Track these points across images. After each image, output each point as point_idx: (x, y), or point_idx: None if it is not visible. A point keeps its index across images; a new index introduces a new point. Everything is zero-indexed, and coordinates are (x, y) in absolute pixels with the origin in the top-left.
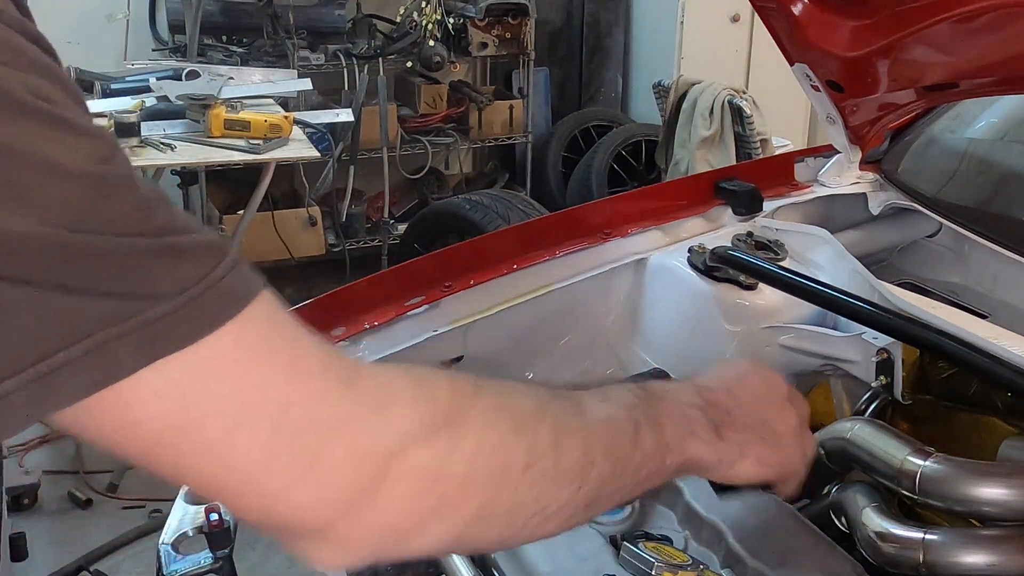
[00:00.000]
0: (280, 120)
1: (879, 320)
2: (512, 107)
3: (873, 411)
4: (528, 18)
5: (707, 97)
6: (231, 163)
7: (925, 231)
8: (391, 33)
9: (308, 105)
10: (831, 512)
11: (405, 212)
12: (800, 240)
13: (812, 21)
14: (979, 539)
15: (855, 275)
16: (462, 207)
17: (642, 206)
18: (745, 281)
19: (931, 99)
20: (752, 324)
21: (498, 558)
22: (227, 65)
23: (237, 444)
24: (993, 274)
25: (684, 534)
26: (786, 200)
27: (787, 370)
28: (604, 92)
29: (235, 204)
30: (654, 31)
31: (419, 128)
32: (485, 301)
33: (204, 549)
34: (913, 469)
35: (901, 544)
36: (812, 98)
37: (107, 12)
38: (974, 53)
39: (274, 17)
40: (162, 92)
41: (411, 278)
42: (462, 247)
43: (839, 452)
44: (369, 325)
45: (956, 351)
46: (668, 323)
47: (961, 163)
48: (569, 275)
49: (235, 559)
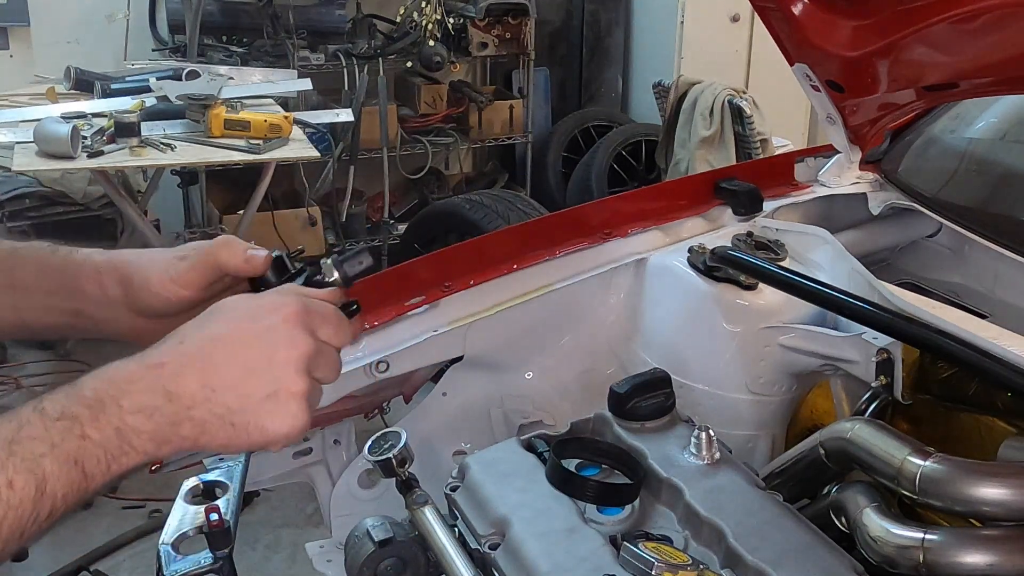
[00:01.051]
0: (280, 120)
1: (879, 320)
2: (512, 107)
3: (873, 411)
4: (528, 18)
5: (707, 97)
6: (231, 163)
7: (925, 231)
8: (391, 33)
9: (308, 105)
10: (831, 512)
11: (405, 212)
12: (800, 240)
13: (812, 21)
14: (979, 539)
15: (855, 275)
16: (462, 207)
17: (642, 206)
18: (745, 281)
19: (931, 99)
20: (752, 324)
21: (498, 558)
22: (227, 65)
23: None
24: (993, 274)
25: (684, 534)
26: (786, 200)
27: (787, 370)
28: (604, 92)
29: (235, 204)
30: (654, 31)
31: (419, 128)
32: (485, 301)
33: (204, 549)
34: (913, 469)
35: (901, 544)
36: (812, 98)
37: (107, 12)
38: (974, 53)
39: (274, 17)
40: (162, 92)
41: (411, 278)
42: (462, 247)
43: (839, 452)
44: (369, 325)
45: (956, 351)
46: (668, 323)
47: (961, 163)
48: (569, 275)
49: (235, 559)
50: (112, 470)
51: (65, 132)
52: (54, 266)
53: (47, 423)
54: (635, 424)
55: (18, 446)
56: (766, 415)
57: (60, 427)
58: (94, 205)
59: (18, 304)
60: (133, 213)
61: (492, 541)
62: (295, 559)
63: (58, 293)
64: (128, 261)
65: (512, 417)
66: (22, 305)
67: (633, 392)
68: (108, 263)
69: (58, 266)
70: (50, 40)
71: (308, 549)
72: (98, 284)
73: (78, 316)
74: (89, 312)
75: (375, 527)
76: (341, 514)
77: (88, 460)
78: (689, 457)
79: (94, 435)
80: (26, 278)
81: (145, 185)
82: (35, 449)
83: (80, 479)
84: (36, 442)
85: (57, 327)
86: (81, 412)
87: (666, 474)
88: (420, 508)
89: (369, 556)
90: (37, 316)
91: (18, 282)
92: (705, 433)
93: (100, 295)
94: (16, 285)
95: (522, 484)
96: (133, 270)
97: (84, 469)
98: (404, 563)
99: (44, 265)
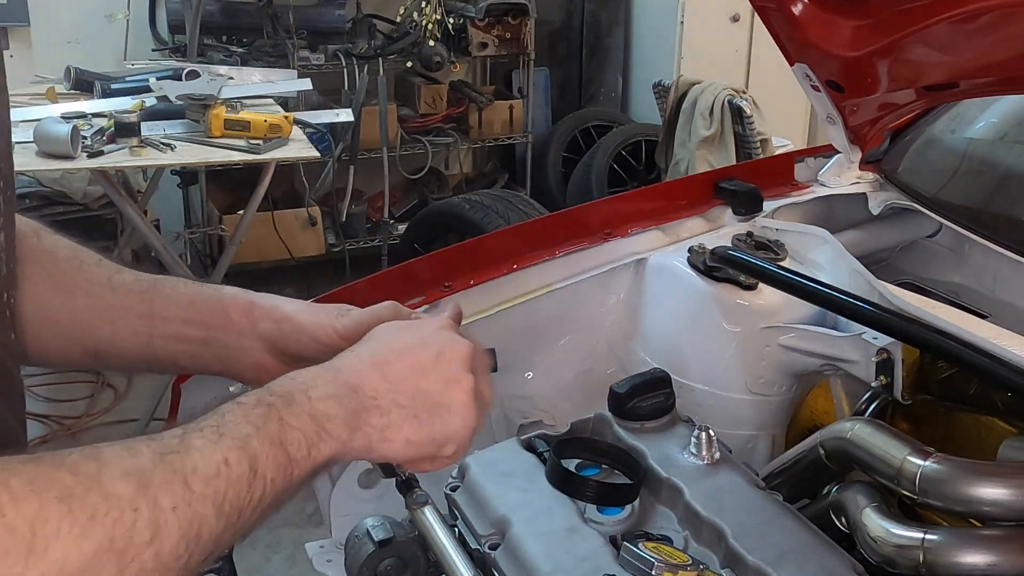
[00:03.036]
0: (280, 120)
1: (879, 320)
2: (512, 107)
3: (873, 411)
4: (528, 18)
5: (707, 97)
6: (231, 163)
7: (925, 231)
8: (391, 33)
9: (308, 105)
10: (831, 512)
11: (405, 212)
12: (800, 240)
13: (812, 21)
14: (979, 539)
15: (855, 275)
16: (462, 207)
17: (642, 206)
18: (745, 281)
19: (931, 99)
20: (752, 324)
21: (498, 558)
22: (227, 65)
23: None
24: (993, 274)
25: (684, 534)
26: (786, 200)
27: (787, 370)
28: (604, 92)
29: (235, 204)
30: (654, 31)
31: (419, 128)
32: (485, 301)
33: None
34: (913, 469)
35: (901, 544)
36: (812, 98)
37: (107, 12)
38: (974, 53)
39: (274, 17)
40: (162, 92)
41: (411, 278)
42: (462, 247)
43: (839, 452)
44: None
45: (956, 351)
46: (668, 323)
47: (961, 163)
48: (569, 275)
49: (235, 559)
50: (312, 456)
51: (65, 132)
52: (203, 297)
53: (246, 411)
54: (635, 424)
55: (225, 429)
56: (766, 415)
57: (258, 413)
58: (94, 205)
59: (152, 332)
60: (133, 213)
61: (492, 541)
62: (295, 559)
63: (195, 322)
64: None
65: (512, 417)
66: (156, 333)
67: (633, 392)
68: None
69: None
70: (50, 40)
71: (308, 549)
72: (248, 317)
73: (207, 344)
74: (223, 342)
75: (375, 527)
76: (341, 514)
77: (290, 443)
78: (689, 457)
79: (291, 420)
80: (167, 308)
81: (145, 185)
82: (242, 430)
83: (285, 462)
84: (241, 425)
85: (180, 354)
86: (275, 401)
87: (666, 474)
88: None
89: (369, 556)
90: (165, 343)
91: (158, 311)
92: (705, 433)
93: (246, 327)
94: (156, 314)
95: (522, 484)
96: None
97: (288, 452)
98: (404, 563)
99: (193, 297)
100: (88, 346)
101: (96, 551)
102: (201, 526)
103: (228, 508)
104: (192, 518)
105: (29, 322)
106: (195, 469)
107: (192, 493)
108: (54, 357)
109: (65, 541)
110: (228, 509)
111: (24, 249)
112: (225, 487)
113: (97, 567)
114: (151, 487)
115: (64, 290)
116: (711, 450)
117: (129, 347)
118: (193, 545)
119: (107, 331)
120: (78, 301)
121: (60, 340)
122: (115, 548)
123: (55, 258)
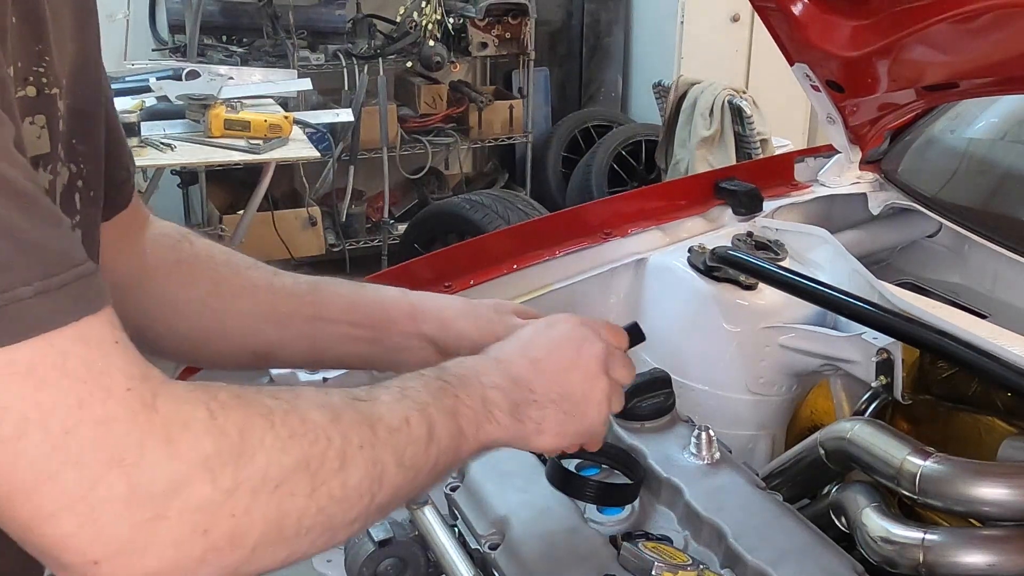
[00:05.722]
0: (280, 120)
1: (879, 320)
2: (512, 107)
3: (873, 411)
4: (528, 18)
5: (707, 97)
6: (231, 163)
7: (925, 231)
8: (391, 33)
9: (308, 105)
10: (831, 512)
11: (405, 212)
12: (800, 240)
13: (812, 21)
14: (979, 539)
15: (855, 275)
16: (462, 207)
17: (642, 206)
18: (745, 281)
19: (931, 99)
20: (752, 324)
21: (498, 558)
22: (227, 65)
23: (20, 452)
24: (993, 274)
25: (684, 534)
26: (786, 200)
27: (787, 370)
28: (604, 92)
29: (235, 204)
30: (654, 31)
31: (419, 128)
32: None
33: None
34: (913, 469)
35: (901, 544)
36: (812, 98)
37: (107, 12)
38: (974, 53)
39: (274, 17)
40: (162, 92)
41: (411, 278)
42: (462, 247)
43: (839, 452)
44: None
45: (956, 351)
46: (668, 323)
47: (961, 163)
48: (569, 275)
49: None
50: (479, 435)
51: None
52: (365, 300)
53: (427, 382)
54: (635, 424)
55: (408, 392)
56: (766, 415)
57: (437, 386)
58: None
59: (318, 333)
60: None
61: (492, 541)
62: None
63: (362, 324)
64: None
65: None
66: (322, 334)
67: (633, 392)
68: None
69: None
70: None
71: None
72: (411, 320)
73: (374, 344)
74: (390, 341)
75: (375, 527)
76: None
77: (463, 417)
78: (689, 457)
79: (465, 399)
80: (331, 311)
81: (145, 185)
82: (422, 397)
83: (458, 434)
84: (422, 392)
85: (347, 354)
86: (452, 379)
87: (666, 474)
88: (420, 508)
89: (369, 556)
90: (332, 344)
91: (323, 314)
92: (705, 433)
93: (411, 329)
94: (323, 317)
95: (522, 484)
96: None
97: (460, 425)
98: (404, 563)
99: (354, 299)
100: (256, 349)
101: (295, 467)
102: (383, 472)
103: (408, 463)
104: (376, 460)
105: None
106: (381, 417)
107: (377, 438)
108: (225, 360)
109: (269, 452)
110: (408, 463)
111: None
112: (406, 442)
113: (294, 482)
114: (341, 422)
115: (227, 294)
116: (711, 450)
117: (296, 349)
118: (376, 488)
119: (273, 334)
120: (242, 305)
121: (228, 344)
122: (310, 468)
123: (214, 263)
